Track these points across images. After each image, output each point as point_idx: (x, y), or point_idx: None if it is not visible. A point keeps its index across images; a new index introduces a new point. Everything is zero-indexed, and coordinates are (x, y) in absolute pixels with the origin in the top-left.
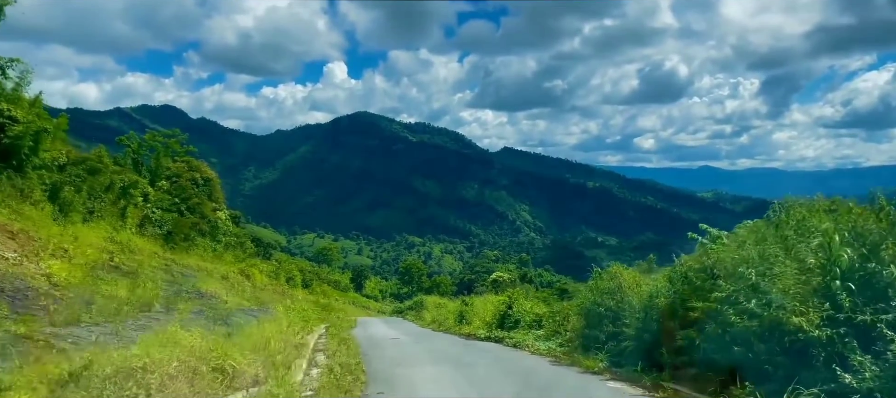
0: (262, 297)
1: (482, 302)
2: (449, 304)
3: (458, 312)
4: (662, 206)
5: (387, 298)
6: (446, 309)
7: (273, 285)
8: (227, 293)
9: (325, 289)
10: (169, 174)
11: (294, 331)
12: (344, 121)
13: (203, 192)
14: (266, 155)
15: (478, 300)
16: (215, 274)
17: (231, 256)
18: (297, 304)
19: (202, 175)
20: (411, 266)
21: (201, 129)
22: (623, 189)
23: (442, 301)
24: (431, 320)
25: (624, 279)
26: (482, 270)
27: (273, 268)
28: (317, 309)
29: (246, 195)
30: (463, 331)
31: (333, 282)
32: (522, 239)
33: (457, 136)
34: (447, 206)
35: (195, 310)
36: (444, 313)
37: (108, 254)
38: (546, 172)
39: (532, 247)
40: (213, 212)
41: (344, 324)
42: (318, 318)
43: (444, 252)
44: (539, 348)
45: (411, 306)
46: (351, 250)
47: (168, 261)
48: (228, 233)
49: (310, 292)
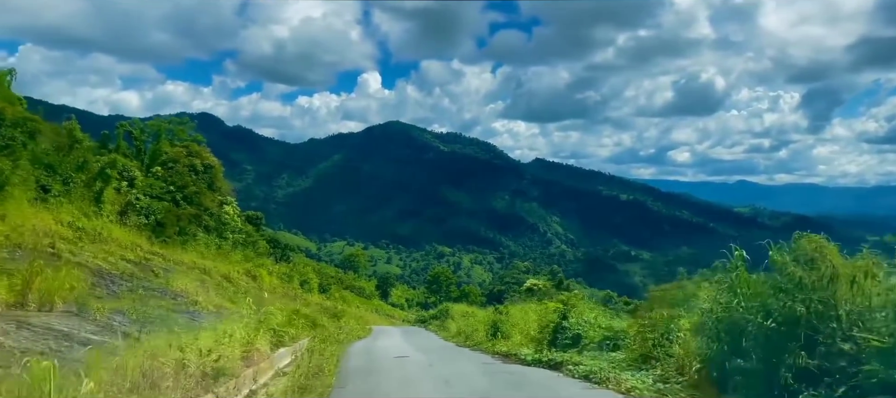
0: (260, 300)
1: (521, 310)
2: (478, 313)
3: (491, 323)
4: (698, 221)
5: (413, 307)
6: (475, 318)
7: (283, 288)
8: (207, 293)
9: (345, 295)
10: (164, 159)
11: (246, 342)
12: (376, 130)
13: (203, 180)
14: (299, 163)
15: (515, 309)
16: (214, 273)
17: (240, 255)
18: (290, 307)
19: (203, 161)
20: (439, 274)
21: (237, 137)
22: (657, 202)
23: (470, 309)
24: (457, 331)
25: (835, 262)
26: (512, 281)
27: (285, 271)
28: (324, 315)
29: (278, 202)
30: (498, 348)
31: (358, 288)
32: (553, 251)
33: (488, 146)
34: (477, 217)
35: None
36: (473, 324)
37: (50, 238)
38: (578, 184)
39: (563, 260)
40: (217, 206)
41: (349, 333)
42: (309, 326)
43: (474, 262)
44: (635, 386)
45: (435, 315)
46: (380, 259)
47: (150, 255)
48: (237, 231)
49: (327, 297)
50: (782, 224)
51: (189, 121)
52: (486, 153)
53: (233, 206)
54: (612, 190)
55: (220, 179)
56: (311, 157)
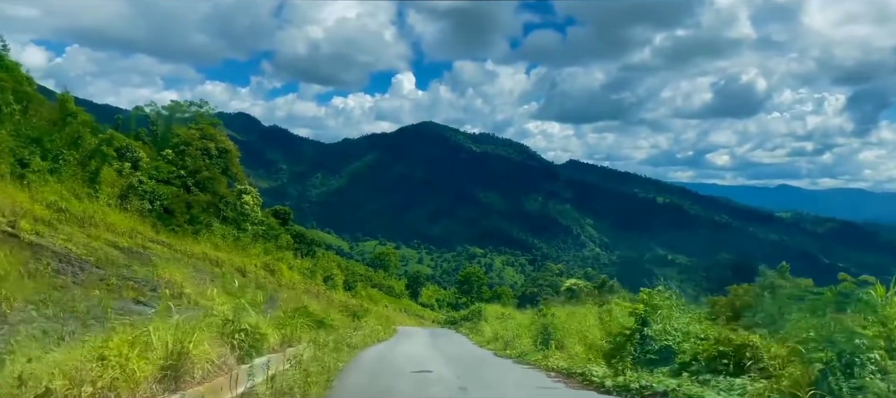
0: (277, 295)
1: (571, 314)
2: (517, 316)
3: (539, 329)
4: (738, 225)
5: (443, 308)
6: (514, 321)
7: (305, 284)
8: (202, 286)
9: (372, 294)
10: (175, 142)
11: (177, 353)
12: (409, 130)
13: (217, 165)
14: (333, 162)
15: (563, 311)
16: (227, 265)
17: (259, 248)
18: (294, 304)
19: (218, 145)
20: (471, 275)
21: (273, 136)
22: (695, 205)
23: (506, 310)
24: (493, 336)
25: None
26: (546, 283)
27: (308, 266)
28: (344, 313)
29: (312, 201)
30: (553, 362)
31: (387, 287)
32: (587, 253)
33: (521, 147)
34: (510, 218)
35: (93, 305)
36: (513, 328)
37: (9, 218)
38: (613, 186)
39: (598, 263)
40: (236, 195)
41: (368, 335)
42: (313, 327)
43: (506, 264)
44: None
45: (467, 316)
46: (411, 259)
47: (151, 243)
48: (258, 222)
49: (352, 295)
50: (827, 230)
51: (208, 104)
52: (519, 154)
53: (253, 196)
54: (649, 192)
55: (236, 165)
56: (344, 157)
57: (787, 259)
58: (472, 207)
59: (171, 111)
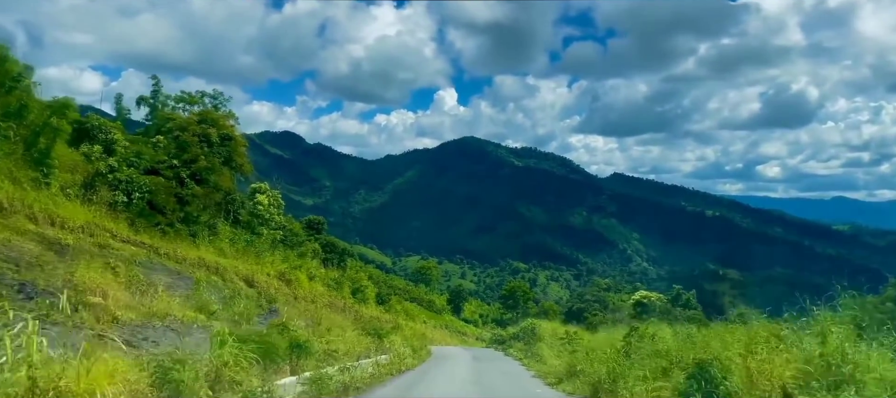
0: (286, 308)
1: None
2: (585, 336)
3: (697, 370)
4: (792, 239)
5: (487, 324)
6: (585, 344)
7: (329, 296)
8: (153, 296)
9: (408, 308)
10: (169, 126)
11: None
12: (450, 145)
13: (217, 155)
14: (376, 179)
15: (664, 329)
16: (230, 273)
17: (277, 256)
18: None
19: (220, 131)
20: (516, 288)
21: (317, 153)
22: (746, 218)
23: (569, 330)
24: (567, 370)
25: None
26: (593, 299)
27: (334, 276)
28: (359, 333)
29: (355, 217)
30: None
31: (427, 302)
32: (634, 268)
33: (564, 160)
34: (553, 233)
35: None
36: (600, 359)
37: None
38: (660, 199)
39: (646, 278)
40: (249, 196)
41: (383, 368)
42: (259, 357)
43: (550, 279)
44: None
45: (517, 335)
46: (454, 274)
47: (118, 243)
48: (275, 226)
49: (386, 309)
50: (888, 243)
51: (223, 96)
52: (562, 168)
53: (270, 197)
54: (697, 205)
55: (242, 155)
56: (387, 173)
57: (849, 273)
58: (515, 222)
59: (180, 104)
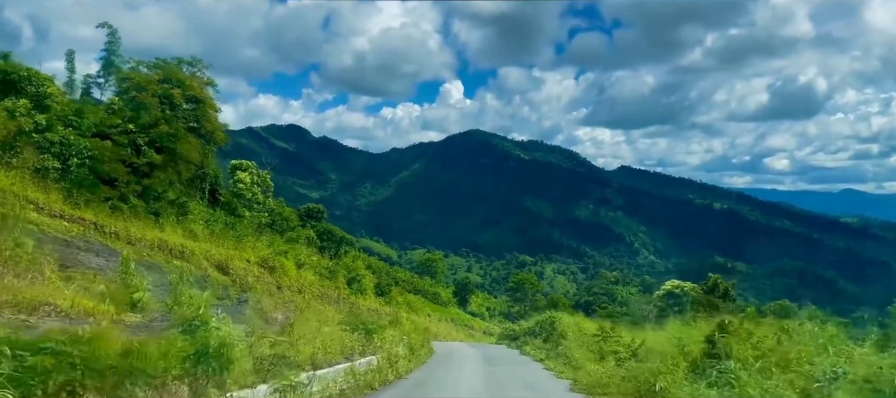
0: (265, 299)
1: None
2: (624, 333)
3: None
4: (800, 232)
5: (495, 317)
6: (668, 355)
7: (321, 286)
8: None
9: (411, 300)
10: (125, 87)
11: None
12: (456, 139)
13: (182, 118)
14: (381, 172)
15: (752, 325)
16: (197, 257)
17: (262, 241)
18: None
19: (187, 92)
20: (524, 281)
21: (323, 147)
22: (754, 211)
23: (604, 326)
24: (608, 379)
25: None
26: (601, 291)
27: (327, 264)
28: (345, 328)
29: (361, 210)
30: None
31: (433, 294)
32: (641, 261)
33: (570, 153)
34: (560, 226)
35: None
36: (664, 368)
37: None
38: (667, 192)
39: (653, 270)
40: (230, 173)
41: (379, 370)
42: None
43: (556, 272)
44: None
45: (533, 329)
46: (460, 267)
47: (50, 218)
48: (260, 208)
49: (386, 301)
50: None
51: (202, 63)
52: (569, 161)
53: (253, 174)
54: (705, 198)
55: (213, 121)
56: (393, 167)
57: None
58: (522, 215)
59: (140, 66)
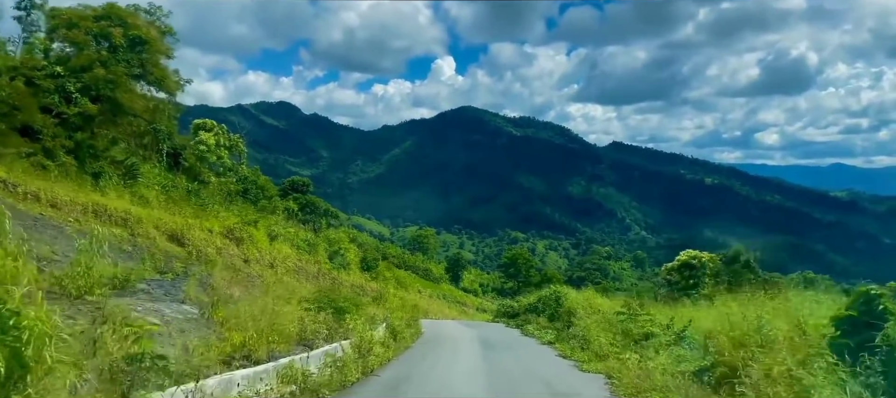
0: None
1: None
2: (653, 310)
3: None
4: (790, 206)
5: (488, 293)
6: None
7: (299, 259)
8: None
9: (400, 275)
10: (55, 23)
11: None
12: (448, 115)
13: (124, 63)
14: (372, 149)
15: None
16: (145, 225)
17: (231, 210)
18: None
19: (130, 33)
20: (517, 256)
21: (313, 124)
22: (745, 186)
23: (630, 303)
24: (642, 383)
25: None
26: (593, 267)
27: (306, 237)
28: (309, 309)
29: (353, 188)
30: None
31: (424, 270)
32: (632, 237)
33: (562, 130)
34: (552, 202)
35: None
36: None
37: None
38: (658, 168)
39: (644, 246)
40: (191, 135)
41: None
42: None
43: (549, 248)
44: None
45: (534, 306)
46: (453, 244)
47: None
48: (232, 175)
49: (372, 276)
50: (887, 209)
51: (161, 9)
52: (561, 137)
53: (220, 137)
54: (696, 174)
55: (161, 67)
56: (384, 144)
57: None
58: (514, 192)
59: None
